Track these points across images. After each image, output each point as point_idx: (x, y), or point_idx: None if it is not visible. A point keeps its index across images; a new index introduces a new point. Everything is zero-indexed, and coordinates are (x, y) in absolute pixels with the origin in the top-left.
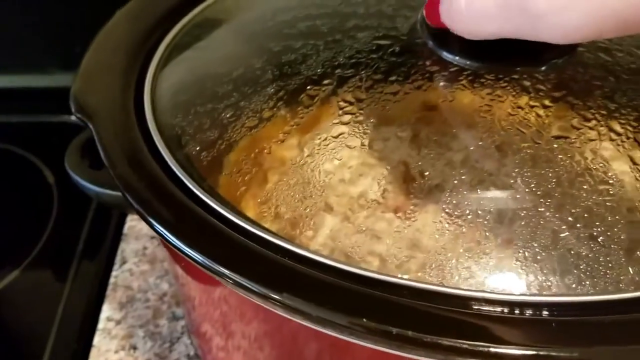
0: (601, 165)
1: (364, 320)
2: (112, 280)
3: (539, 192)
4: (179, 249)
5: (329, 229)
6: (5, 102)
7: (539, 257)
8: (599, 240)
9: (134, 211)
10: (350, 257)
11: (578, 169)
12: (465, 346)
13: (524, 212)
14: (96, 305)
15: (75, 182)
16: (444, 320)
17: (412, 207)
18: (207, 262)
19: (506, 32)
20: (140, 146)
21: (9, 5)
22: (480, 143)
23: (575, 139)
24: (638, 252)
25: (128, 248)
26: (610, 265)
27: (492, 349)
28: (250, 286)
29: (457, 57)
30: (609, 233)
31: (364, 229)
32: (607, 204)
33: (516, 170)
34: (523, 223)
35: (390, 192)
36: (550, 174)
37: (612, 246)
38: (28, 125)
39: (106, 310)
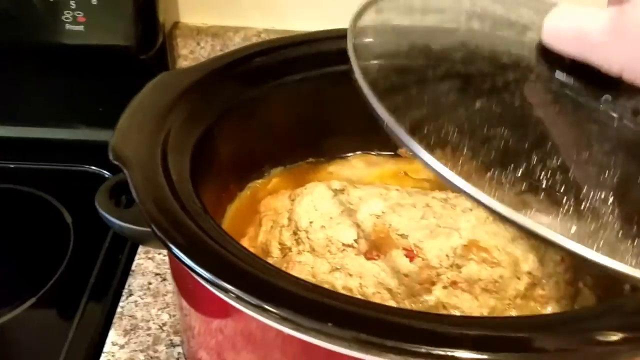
0: None
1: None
2: (118, 310)
3: None
4: (188, 266)
5: None
6: (35, 151)
7: None
8: None
9: (155, 239)
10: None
11: None
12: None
13: None
14: (103, 331)
15: (103, 217)
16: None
17: None
18: (211, 277)
19: None
20: (165, 190)
21: (46, 73)
22: None
23: None
24: None
25: (135, 283)
26: None
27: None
28: (247, 298)
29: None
30: None
31: None
32: None
33: None
34: None
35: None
36: None
37: None
38: (52, 172)
39: (112, 336)
